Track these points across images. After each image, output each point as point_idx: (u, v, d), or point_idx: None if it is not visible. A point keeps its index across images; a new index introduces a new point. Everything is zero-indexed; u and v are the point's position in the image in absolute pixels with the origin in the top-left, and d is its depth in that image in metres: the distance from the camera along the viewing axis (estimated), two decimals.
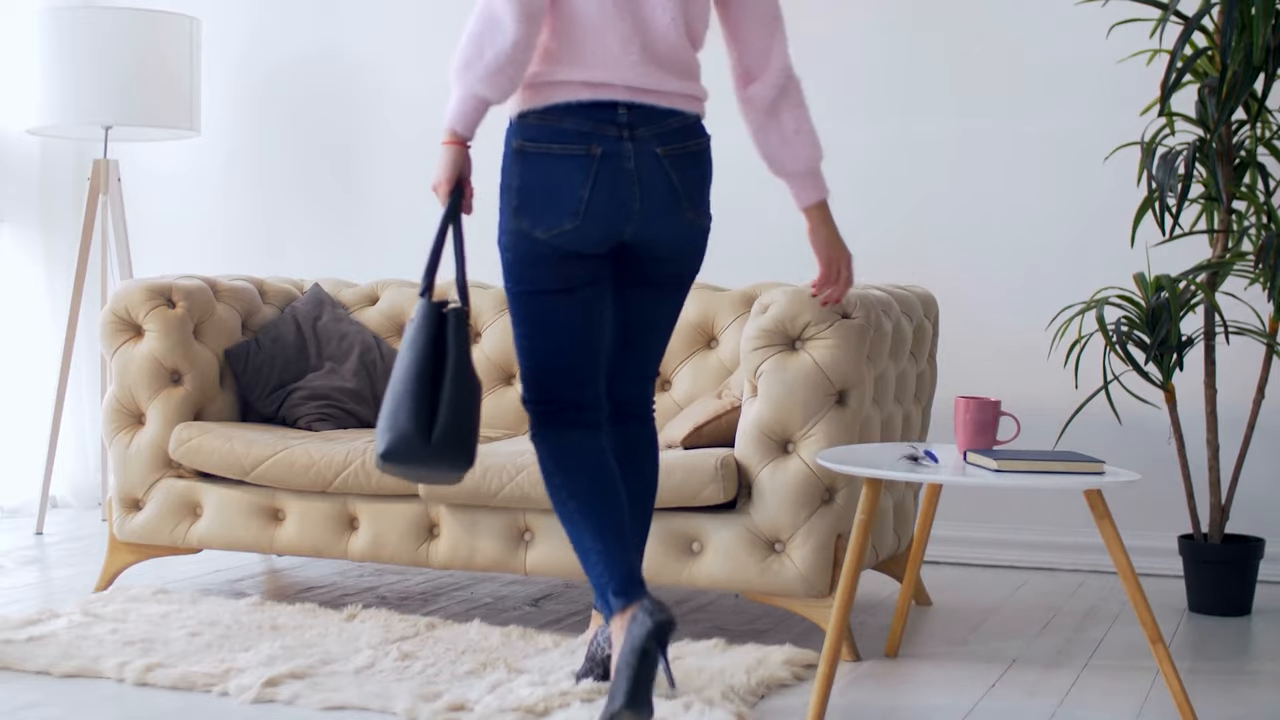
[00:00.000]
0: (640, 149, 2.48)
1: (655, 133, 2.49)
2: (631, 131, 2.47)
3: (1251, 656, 3.18)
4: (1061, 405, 3.93)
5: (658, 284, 2.65)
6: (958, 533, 4.18)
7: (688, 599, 3.63)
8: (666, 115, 2.50)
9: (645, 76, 2.47)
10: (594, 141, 2.45)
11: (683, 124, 2.53)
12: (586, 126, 2.45)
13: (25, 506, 4.82)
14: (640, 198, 2.49)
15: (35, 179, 4.95)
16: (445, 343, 2.44)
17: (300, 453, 3.37)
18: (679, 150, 2.52)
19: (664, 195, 2.51)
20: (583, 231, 2.47)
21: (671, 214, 2.54)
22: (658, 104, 2.49)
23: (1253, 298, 3.84)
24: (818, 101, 4.33)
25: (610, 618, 2.43)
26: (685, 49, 2.54)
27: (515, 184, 2.49)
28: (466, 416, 2.43)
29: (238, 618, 3.21)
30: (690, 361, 3.63)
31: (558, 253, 2.49)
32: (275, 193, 5.00)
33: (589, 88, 2.46)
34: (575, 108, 2.45)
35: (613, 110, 2.46)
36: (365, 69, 4.85)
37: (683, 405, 3.58)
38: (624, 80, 2.46)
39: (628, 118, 2.47)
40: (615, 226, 2.50)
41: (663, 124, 2.50)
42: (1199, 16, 3.36)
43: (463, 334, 2.46)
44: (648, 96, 2.48)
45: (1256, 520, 3.89)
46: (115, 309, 3.59)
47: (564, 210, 2.46)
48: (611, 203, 2.47)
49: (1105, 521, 2.57)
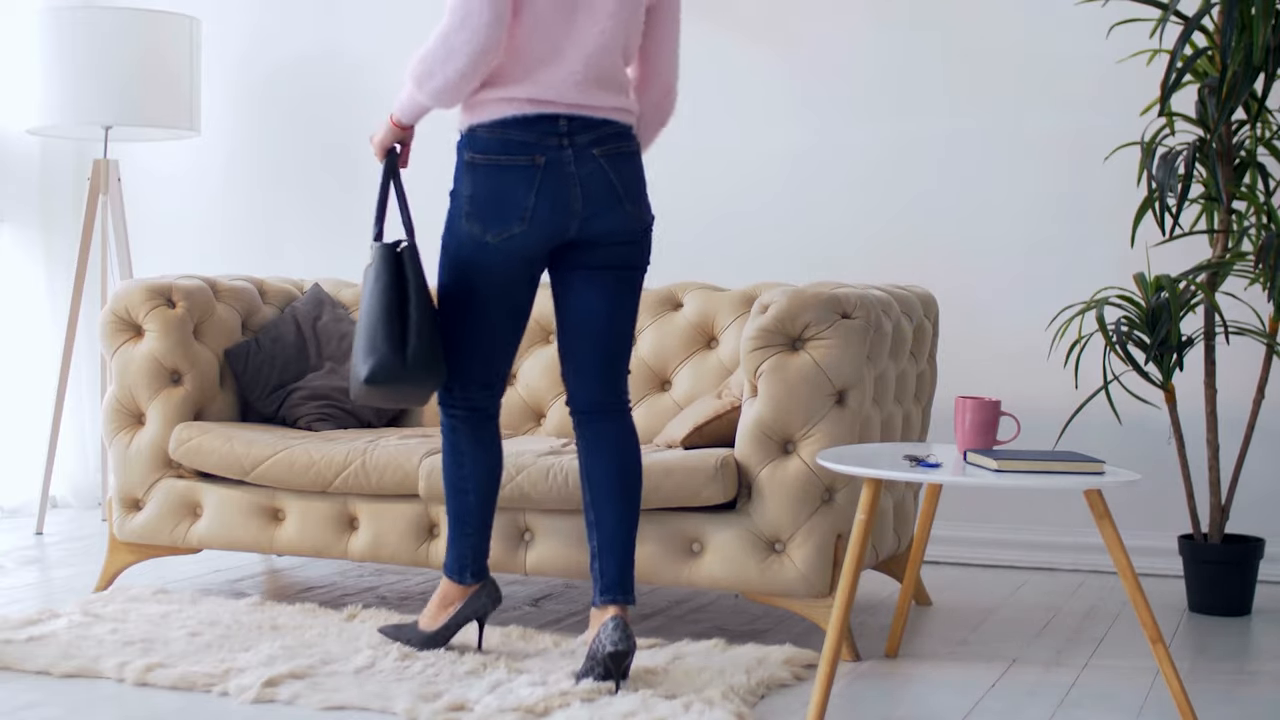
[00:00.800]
0: (579, 153, 2.76)
1: (592, 138, 2.78)
2: (571, 139, 2.76)
3: (1251, 656, 3.18)
4: (1061, 405, 3.93)
5: (606, 270, 2.85)
6: (958, 533, 4.18)
7: (688, 599, 3.63)
8: (602, 124, 2.79)
9: (585, 95, 2.76)
10: (537, 151, 2.74)
11: (616, 130, 2.81)
12: (531, 138, 2.74)
13: (25, 506, 4.82)
14: (581, 198, 2.77)
15: (35, 179, 4.95)
16: (405, 277, 2.83)
17: (300, 453, 3.37)
18: (614, 150, 2.80)
19: (604, 192, 2.79)
20: (529, 235, 2.77)
21: (612, 209, 2.80)
22: (594, 115, 2.77)
23: (1253, 298, 3.84)
24: (816, 101, 4.35)
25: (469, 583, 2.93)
26: (620, 69, 2.84)
27: (468, 193, 2.78)
28: (432, 338, 2.81)
29: (238, 618, 3.21)
30: (690, 361, 3.63)
31: (505, 257, 2.78)
32: (275, 193, 5.00)
33: (534, 104, 2.74)
34: (521, 121, 2.74)
35: (554, 122, 2.75)
36: (365, 69, 4.85)
37: (683, 405, 3.58)
38: (565, 99, 2.75)
39: (568, 127, 2.76)
40: (560, 227, 2.78)
41: (598, 130, 2.78)
42: (1199, 16, 3.36)
43: (417, 267, 2.85)
44: (586, 110, 2.77)
45: (1256, 520, 3.89)
46: (115, 309, 3.59)
47: (512, 216, 2.75)
48: (555, 207, 2.76)
49: (1105, 521, 2.57)
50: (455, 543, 2.96)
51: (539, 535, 3.20)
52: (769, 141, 4.36)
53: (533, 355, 3.78)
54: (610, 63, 2.78)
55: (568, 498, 3.12)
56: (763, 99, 4.40)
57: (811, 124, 4.35)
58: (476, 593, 2.96)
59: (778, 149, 4.36)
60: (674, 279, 4.08)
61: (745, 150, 4.40)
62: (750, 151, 4.40)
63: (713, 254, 4.41)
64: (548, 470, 3.14)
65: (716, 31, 4.44)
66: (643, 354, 3.67)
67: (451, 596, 2.97)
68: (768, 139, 4.37)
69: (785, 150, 4.36)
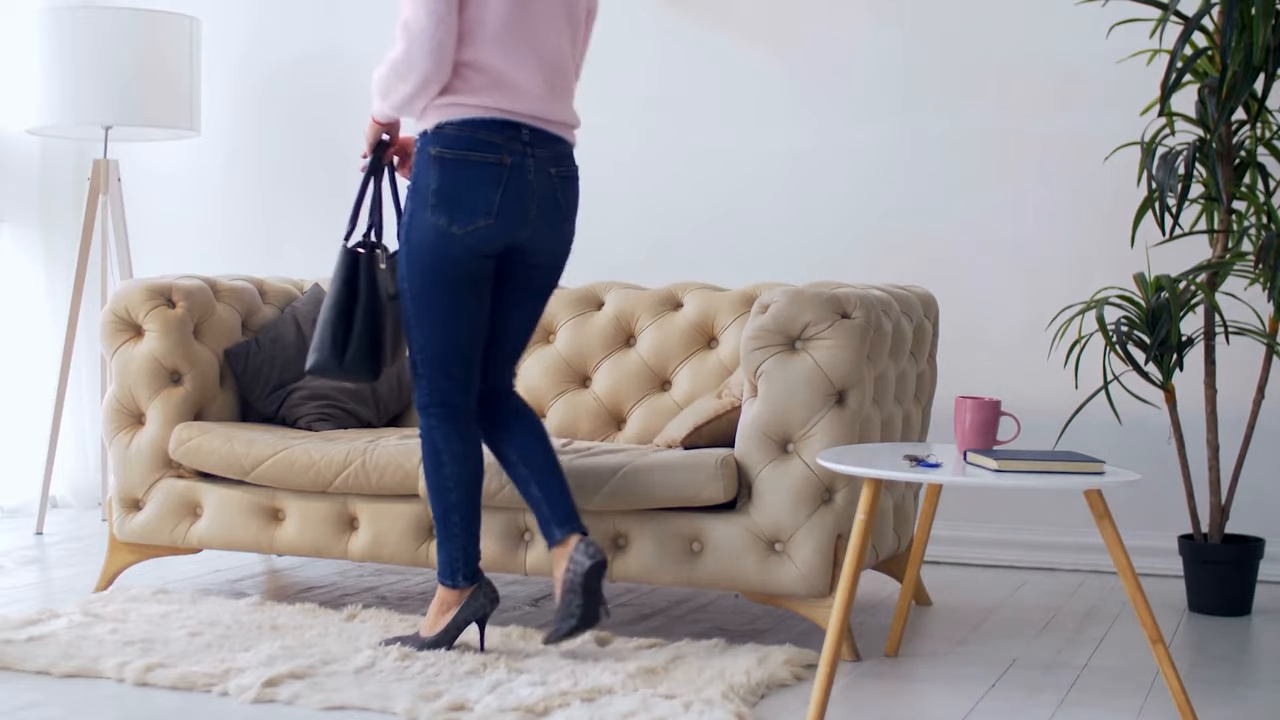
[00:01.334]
0: (539, 166, 2.92)
1: (550, 154, 2.94)
2: (533, 150, 2.90)
3: (1251, 656, 3.18)
4: (1061, 405, 3.93)
5: (532, 287, 3.04)
6: (958, 533, 4.18)
7: (688, 599, 3.63)
8: (557, 141, 2.96)
9: (546, 107, 2.92)
10: (505, 152, 2.87)
11: (566, 151, 2.99)
12: (498, 139, 2.87)
13: (25, 506, 4.83)
14: (536, 207, 2.92)
15: (35, 179, 4.95)
16: (357, 282, 3.00)
17: (300, 452, 3.37)
18: (564, 172, 2.98)
19: (553, 208, 2.96)
20: (494, 230, 2.88)
21: (557, 225, 2.98)
22: (550, 130, 2.94)
23: (1253, 298, 3.84)
24: (817, 101, 4.35)
25: (464, 588, 2.97)
26: (572, 80, 3.03)
27: (434, 186, 2.87)
28: (374, 341, 3.00)
29: (238, 618, 3.21)
30: (690, 361, 3.63)
31: (468, 251, 2.88)
32: (275, 193, 5.00)
33: (501, 111, 2.87)
34: (489, 123, 2.87)
35: (518, 129, 2.89)
36: (365, 69, 4.84)
37: (683, 405, 3.58)
38: (529, 110, 2.89)
39: (530, 138, 2.90)
40: (516, 228, 2.91)
41: (554, 148, 2.95)
42: (1199, 16, 3.36)
43: (370, 271, 3.01)
44: (544, 124, 2.92)
45: (1256, 520, 3.89)
46: (115, 309, 3.59)
47: (479, 209, 2.86)
48: (516, 207, 2.89)
49: (1105, 521, 2.57)
50: (443, 545, 2.98)
51: (539, 535, 3.20)
52: (768, 141, 4.36)
53: (533, 355, 3.78)
54: (566, 74, 2.98)
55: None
56: (762, 99, 4.40)
57: (811, 124, 4.35)
58: (472, 595, 2.97)
59: (777, 149, 4.36)
60: (674, 279, 4.08)
61: (745, 150, 4.40)
62: (750, 151, 4.40)
63: (713, 254, 4.41)
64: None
65: (716, 31, 4.45)
66: (643, 354, 3.67)
67: (448, 601, 2.98)
68: (767, 139, 4.37)
69: (785, 150, 4.36)
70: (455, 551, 2.96)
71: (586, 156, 4.67)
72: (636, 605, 3.55)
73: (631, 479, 3.08)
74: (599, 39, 4.52)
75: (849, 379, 3.01)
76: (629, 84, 4.53)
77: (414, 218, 2.89)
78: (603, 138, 4.55)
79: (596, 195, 4.56)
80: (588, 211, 4.58)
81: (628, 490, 3.08)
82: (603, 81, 4.55)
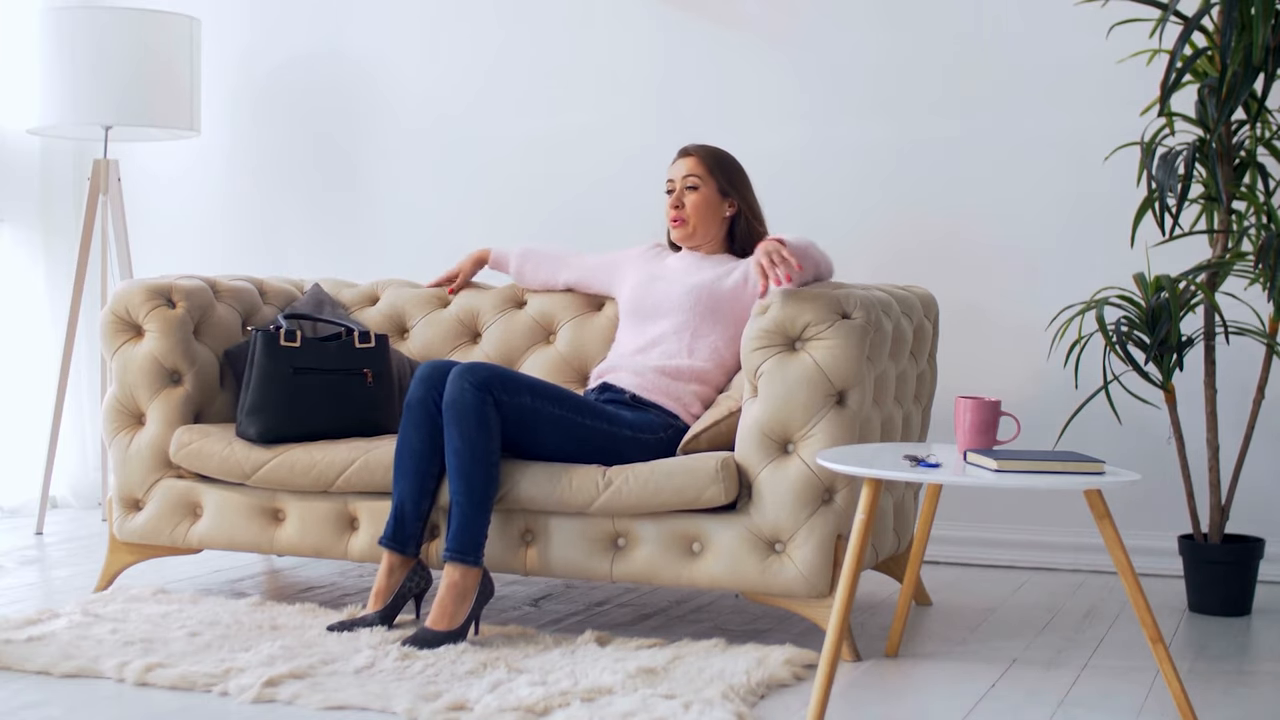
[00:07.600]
0: None
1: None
2: None
3: (1251, 656, 3.18)
4: (1061, 405, 3.93)
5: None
6: (958, 533, 4.18)
7: (688, 599, 3.63)
8: None
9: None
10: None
11: None
12: None
13: (25, 506, 4.82)
14: None
15: (35, 179, 4.95)
16: (252, 359, 3.41)
17: (301, 454, 3.37)
18: None
19: None
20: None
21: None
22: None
23: (1253, 298, 3.84)
24: (816, 101, 4.35)
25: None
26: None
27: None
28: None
29: (238, 618, 3.21)
30: None
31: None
32: (275, 192, 5.00)
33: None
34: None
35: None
36: (366, 68, 4.86)
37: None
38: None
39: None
40: None
41: None
42: (1199, 16, 3.36)
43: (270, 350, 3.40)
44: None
45: (1256, 520, 3.89)
46: (115, 309, 3.59)
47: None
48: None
49: (1105, 521, 2.57)
50: (473, 520, 3.06)
51: (539, 535, 3.20)
52: (769, 141, 4.36)
53: (534, 355, 3.77)
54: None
55: (568, 499, 3.12)
56: (762, 99, 4.40)
57: (811, 124, 4.35)
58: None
59: (778, 149, 4.35)
60: None
61: (745, 150, 4.38)
62: (750, 151, 4.40)
63: None
64: (549, 470, 3.14)
65: (716, 31, 4.45)
66: None
67: (465, 586, 3.06)
68: (767, 139, 4.36)
69: (785, 150, 4.36)
70: (484, 525, 3.07)
71: (587, 156, 4.69)
72: (636, 605, 3.55)
73: (631, 484, 3.07)
74: (599, 39, 4.52)
75: (849, 379, 3.01)
76: (629, 84, 4.53)
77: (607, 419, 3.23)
78: (603, 138, 4.55)
79: (597, 195, 4.57)
80: (589, 212, 4.60)
81: (628, 495, 3.07)
82: (603, 81, 4.55)
